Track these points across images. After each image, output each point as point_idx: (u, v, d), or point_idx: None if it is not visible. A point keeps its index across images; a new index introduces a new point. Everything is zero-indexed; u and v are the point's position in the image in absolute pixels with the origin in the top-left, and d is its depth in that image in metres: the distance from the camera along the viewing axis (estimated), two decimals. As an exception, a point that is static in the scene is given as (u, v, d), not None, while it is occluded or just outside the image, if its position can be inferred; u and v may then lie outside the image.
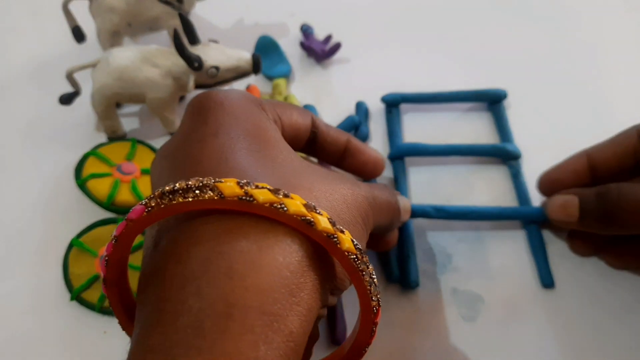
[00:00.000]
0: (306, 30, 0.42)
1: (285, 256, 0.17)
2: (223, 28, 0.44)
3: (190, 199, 0.17)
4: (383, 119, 0.38)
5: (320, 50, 0.40)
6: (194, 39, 0.33)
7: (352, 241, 0.18)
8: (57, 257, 0.32)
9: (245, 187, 0.17)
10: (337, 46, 0.40)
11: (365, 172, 0.30)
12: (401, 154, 0.35)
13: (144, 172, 0.34)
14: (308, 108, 0.38)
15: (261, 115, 0.23)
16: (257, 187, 0.17)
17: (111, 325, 0.30)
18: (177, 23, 0.37)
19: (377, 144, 0.37)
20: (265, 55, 0.41)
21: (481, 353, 0.29)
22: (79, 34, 0.38)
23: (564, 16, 0.44)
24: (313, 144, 0.27)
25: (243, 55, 0.34)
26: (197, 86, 0.35)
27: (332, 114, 0.38)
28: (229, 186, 0.17)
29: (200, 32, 0.34)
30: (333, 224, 0.18)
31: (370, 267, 0.19)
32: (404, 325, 0.30)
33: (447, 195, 0.34)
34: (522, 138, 0.36)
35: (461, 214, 0.32)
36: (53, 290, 0.31)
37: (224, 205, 0.17)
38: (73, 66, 0.34)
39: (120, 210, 0.33)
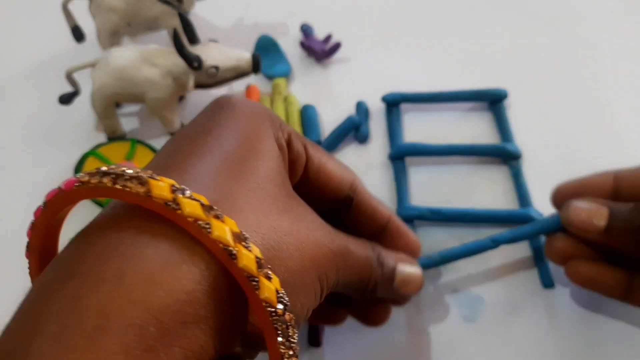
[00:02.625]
0: (306, 30, 0.42)
1: (191, 281, 0.15)
2: (223, 28, 0.44)
3: (118, 186, 0.15)
4: (383, 118, 0.38)
5: (320, 50, 0.40)
6: (193, 39, 0.33)
7: (277, 292, 0.16)
8: (57, 257, 0.32)
9: (177, 194, 0.15)
10: (337, 46, 0.40)
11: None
12: (402, 154, 0.35)
13: (144, 172, 0.34)
14: (308, 108, 0.38)
15: (269, 130, 0.21)
16: (191, 197, 0.15)
17: (111, 326, 0.30)
18: (176, 23, 0.37)
19: (378, 144, 0.37)
20: (265, 55, 0.41)
21: (481, 353, 0.29)
22: (78, 34, 0.38)
23: (565, 15, 0.44)
24: (346, 209, 0.24)
25: (243, 54, 0.34)
26: (197, 86, 0.35)
27: (332, 114, 0.38)
28: (161, 186, 0.15)
29: (200, 31, 0.34)
30: (260, 265, 0.16)
31: (293, 330, 0.16)
32: (404, 326, 0.30)
33: (447, 195, 0.34)
34: (522, 138, 0.36)
35: (457, 216, 0.32)
36: (52, 291, 0.31)
37: (146, 203, 0.15)
38: (72, 66, 0.34)
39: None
